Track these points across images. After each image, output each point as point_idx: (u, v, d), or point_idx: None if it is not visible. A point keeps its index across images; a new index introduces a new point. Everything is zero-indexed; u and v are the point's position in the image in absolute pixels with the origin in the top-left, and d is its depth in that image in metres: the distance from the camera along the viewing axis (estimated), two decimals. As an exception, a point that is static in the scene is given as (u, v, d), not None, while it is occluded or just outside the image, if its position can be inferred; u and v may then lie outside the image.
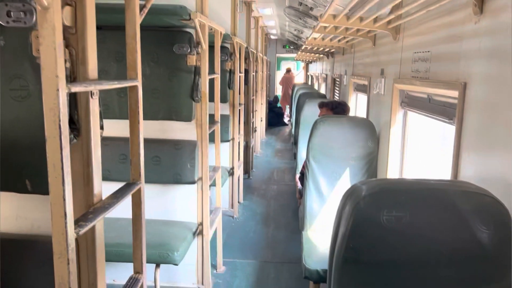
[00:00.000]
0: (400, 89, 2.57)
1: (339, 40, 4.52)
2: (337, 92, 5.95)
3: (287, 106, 12.59)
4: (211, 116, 2.99)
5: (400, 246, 1.21)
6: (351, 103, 4.55)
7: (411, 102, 2.44)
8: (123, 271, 2.86)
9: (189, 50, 2.65)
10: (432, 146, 2.69)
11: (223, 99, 4.22)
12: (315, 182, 2.90)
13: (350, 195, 1.26)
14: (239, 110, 4.66)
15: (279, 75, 14.48)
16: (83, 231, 1.09)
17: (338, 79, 5.87)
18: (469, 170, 1.58)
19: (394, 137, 2.68)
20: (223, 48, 4.07)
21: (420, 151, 2.70)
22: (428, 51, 2.09)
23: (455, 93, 1.71)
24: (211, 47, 2.96)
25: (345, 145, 2.90)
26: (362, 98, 4.29)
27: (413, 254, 1.21)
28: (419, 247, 1.20)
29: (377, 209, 1.19)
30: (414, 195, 1.22)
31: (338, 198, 2.87)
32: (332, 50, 6.21)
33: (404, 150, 2.66)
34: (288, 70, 13.25)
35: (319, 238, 2.78)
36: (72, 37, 1.18)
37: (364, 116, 3.64)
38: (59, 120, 0.97)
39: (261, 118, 8.61)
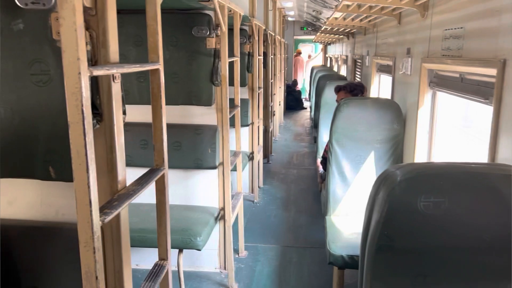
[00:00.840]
0: (429, 69, 2.46)
1: (361, 20, 4.38)
2: (359, 73, 5.81)
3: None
4: (231, 101, 2.94)
5: (438, 233, 1.14)
6: (373, 85, 4.43)
7: (441, 82, 2.33)
8: (146, 256, 2.89)
9: (208, 33, 2.59)
10: (454, 128, 2.61)
11: (242, 83, 4.16)
12: (339, 166, 2.83)
13: (384, 181, 1.20)
14: (258, 94, 4.59)
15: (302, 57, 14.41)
16: (108, 219, 1.06)
17: (359, 60, 5.72)
18: (508, 152, 1.50)
19: (422, 119, 2.58)
20: (241, 30, 3.99)
21: (446, 133, 2.60)
22: (461, 28, 1.97)
23: (492, 71, 1.61)
24: (230, 30, 2.89)
25: (369, 128, 2.82)
26: (386, 79, 4.17)
27: (452, 240, 1.15)
28: (458, 233, 1.14)
29: (413, 195, 1.13)
30: (454, 179, 1.15)
31: (363, 182, 2.83)
32: (353, 31, 6.04)
33: (433, 133, 2.56)
34: (299, 53, 13.85)
35: (343, 223, 2.73)
36: (92, 19, 1.14)
37: (388, 97, 3.53)
38: (82, 105, 0.93)
39: (280, 102, 8.52)
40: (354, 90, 3.38)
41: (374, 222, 1.18)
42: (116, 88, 1.20)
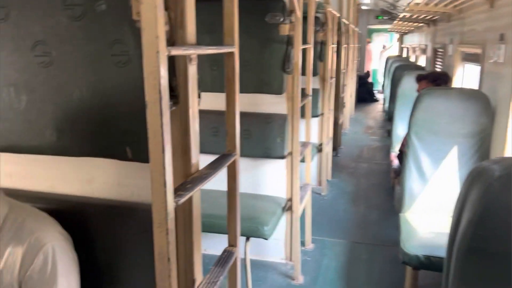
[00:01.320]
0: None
1: (445, 5, 4.05)
2: (439, 63, 5.43)
3: None
4: (302, 90, 2.86)
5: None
6: (457, 74, 4.10)
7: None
8: (214, 241, 2.92)
9: (282, 19, 2.53)
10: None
11: (313, 72, 4.04)
12: (417, 161, 2.65)
13: (478, 176, 1.06)
14: (330, 84, 4.45)
15: (370, 47, 13.95)
16: (182, 200, 1.05)
17: (440, 50, 5.34)
18: None
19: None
20: (315, 18, 3.88)
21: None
22: None
23: None
24: (303, 18, 2.80)
25: (453, 121, 2.60)
26: (471, 68, 3.84)
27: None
28: None
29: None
30: None
31: (443, 179, 2.62)
32: (434, 18, 5.64)
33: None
34: (368, 42, 13.76)
35: (419, 221, 2.56)
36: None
37: (474, 88, 3.24)
38: (159, 84, 0.92)
39: (351, 93, 8.25)
40: (437, 80, 3.14)
41: (466, 222, 1.06)
42: (193, 70, 1.18)
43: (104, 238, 1.26)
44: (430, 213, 2.64)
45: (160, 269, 1.03)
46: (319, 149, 4.36)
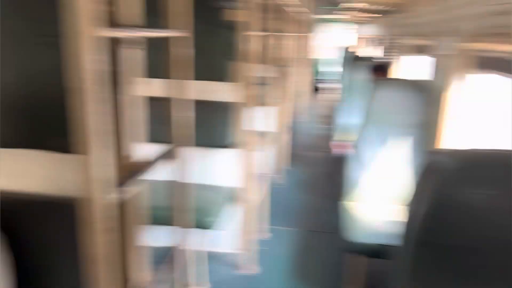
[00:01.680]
0: (472, 49, 2.25)
1: (397, -4, 4.11)
2: (392, 54, 5.54)
3: None
4: (259, 78, 2.80)
5: (492, 230, 1.00)
6: (407, 66, 4.19)
7: (486, 63, 2.13)
8: (163, 234, 2.82)
9: (229, 4, 2.45)
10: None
11: (267, 60, 3.99)
12: (362, 150, 2.68)
13: (431, 168, 1.05)
14: (288, 72, 4.43)
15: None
16: (122, 196, 0.96)
17: (393, 41, 5.45)
18: None
19: (462, 103, 2.38)
20: (266, 5, 3.82)
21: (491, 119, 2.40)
22: (510, 3, 1.76)
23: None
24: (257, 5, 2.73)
25: (400, 111, 2.65)
26: (422, 60, 3.92)
27: (509, 238, 0.99)
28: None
29: (466, 186, 0.98)
30: (516, 170, 0.99)
31: (388, 168, 2.65)
32: (387, 9, 5.73)
33: (474, 118, 2.36)
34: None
35: (364, 209, 2.60)
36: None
37: (424, 79, 3.31)
38: (86, 69, 0.82)
39: (307, 82, 8.30)
40: (383, 70, 3.19)
41: (417, 214, 1.04)
42: (136, 55, 1.08)
43: (34, 236, 1.15)
44: (375, 201, 2.68)
45: (92, 273, 0.93)
46: (277, 137, 4.33)
